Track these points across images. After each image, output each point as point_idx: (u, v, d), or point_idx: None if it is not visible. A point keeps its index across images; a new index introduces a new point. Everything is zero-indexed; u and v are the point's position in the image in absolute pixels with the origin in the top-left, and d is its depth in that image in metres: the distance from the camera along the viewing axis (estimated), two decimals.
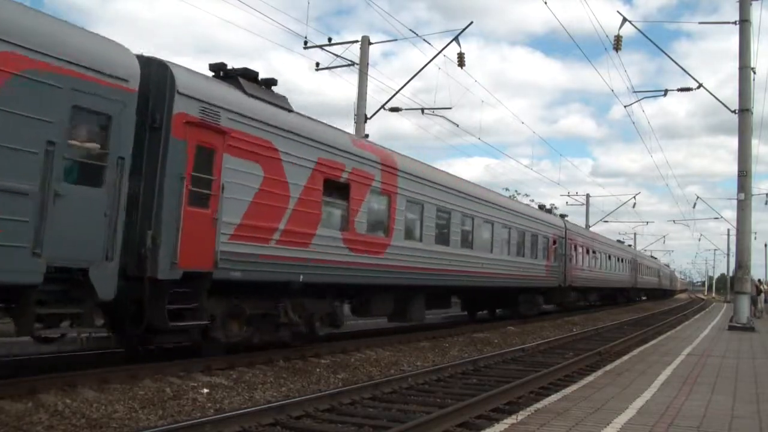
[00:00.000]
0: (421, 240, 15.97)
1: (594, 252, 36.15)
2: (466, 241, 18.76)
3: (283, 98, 11.87)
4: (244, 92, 10.71)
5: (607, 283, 39.86)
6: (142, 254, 8.78)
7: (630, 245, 61.76)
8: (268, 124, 10.89)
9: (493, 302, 25.14)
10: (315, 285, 12.16)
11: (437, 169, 18.44)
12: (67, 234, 7.51)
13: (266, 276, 10.92)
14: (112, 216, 8.09)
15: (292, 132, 11.45)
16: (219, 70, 10.98)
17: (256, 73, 11.33)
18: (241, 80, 10.89)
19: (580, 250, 32.62)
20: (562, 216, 33.19)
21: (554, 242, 27.95)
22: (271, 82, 11.68)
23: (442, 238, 17.20)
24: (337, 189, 12.75)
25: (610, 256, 40.98)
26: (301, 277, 11.61)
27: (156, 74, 9.20)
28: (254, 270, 10.56)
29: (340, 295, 13.71)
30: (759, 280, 34.23)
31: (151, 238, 8.81)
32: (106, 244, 8.00)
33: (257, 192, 10.58)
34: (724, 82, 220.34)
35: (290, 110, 11.83)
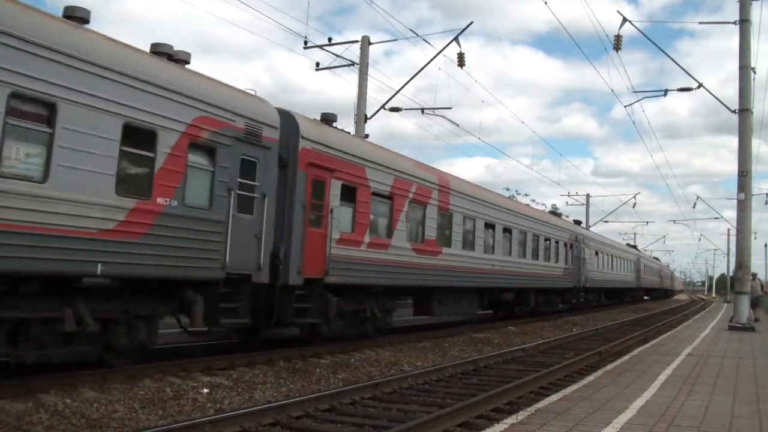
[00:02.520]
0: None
1: (605, 255, 39.13)
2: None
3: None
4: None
5: (614, 283, 42.58)
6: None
7: (636, 246, 64.31)
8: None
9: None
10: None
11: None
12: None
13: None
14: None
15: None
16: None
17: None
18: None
19: (593, 253, 35.21)
20: (577, 222, 37.29)
21: (570, 246, 30.27)
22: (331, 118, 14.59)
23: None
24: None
25: (617, 258, 43.61)
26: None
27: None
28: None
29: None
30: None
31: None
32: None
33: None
34: (726, 81, 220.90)
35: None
